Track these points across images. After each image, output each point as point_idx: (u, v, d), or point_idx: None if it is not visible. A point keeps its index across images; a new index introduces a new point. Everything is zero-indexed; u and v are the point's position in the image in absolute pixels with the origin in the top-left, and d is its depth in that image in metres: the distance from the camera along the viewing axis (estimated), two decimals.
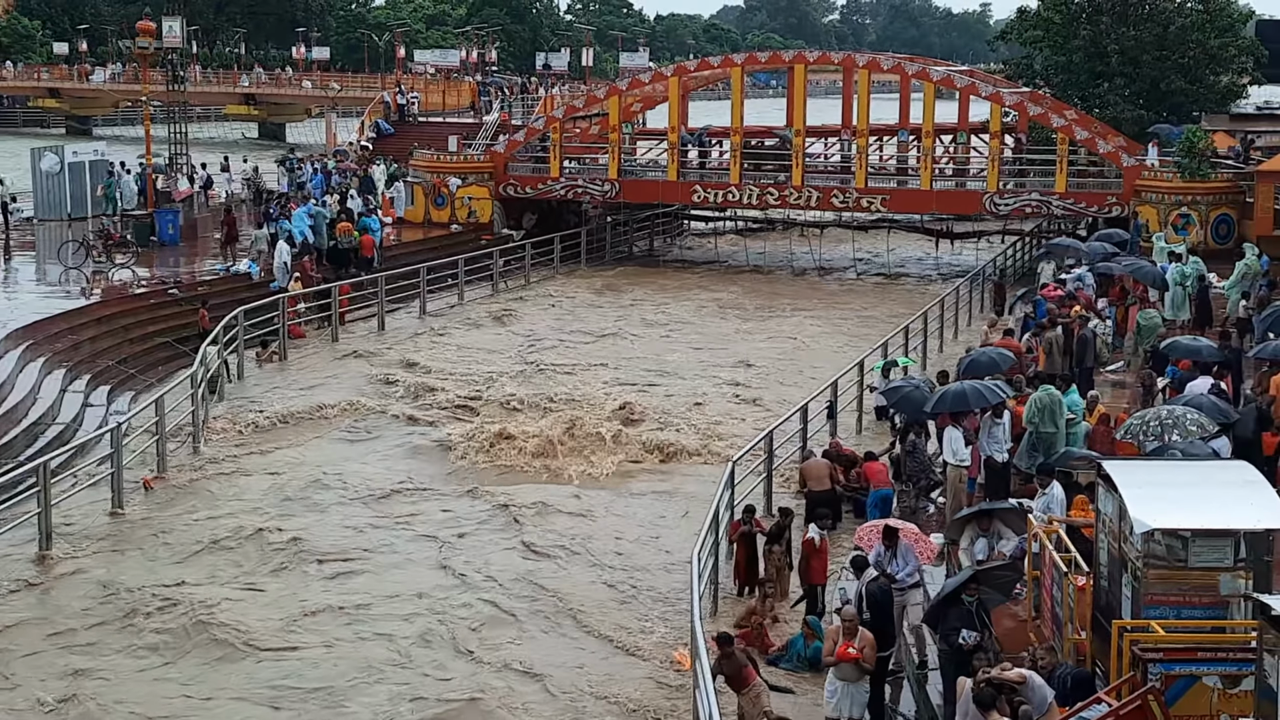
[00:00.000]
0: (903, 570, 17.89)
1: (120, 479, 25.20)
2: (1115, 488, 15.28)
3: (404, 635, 20.30)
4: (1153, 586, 14.59)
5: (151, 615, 20.63)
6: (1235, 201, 44.57)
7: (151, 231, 46.66)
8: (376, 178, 54.72)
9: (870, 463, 23.62)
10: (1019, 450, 22.99)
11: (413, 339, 39.66)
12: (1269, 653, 12.18)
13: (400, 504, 25.99)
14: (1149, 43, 54.82)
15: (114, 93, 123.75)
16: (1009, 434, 22.95)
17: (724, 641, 16.73)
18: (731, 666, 16.54)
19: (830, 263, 55.54)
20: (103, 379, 33.22)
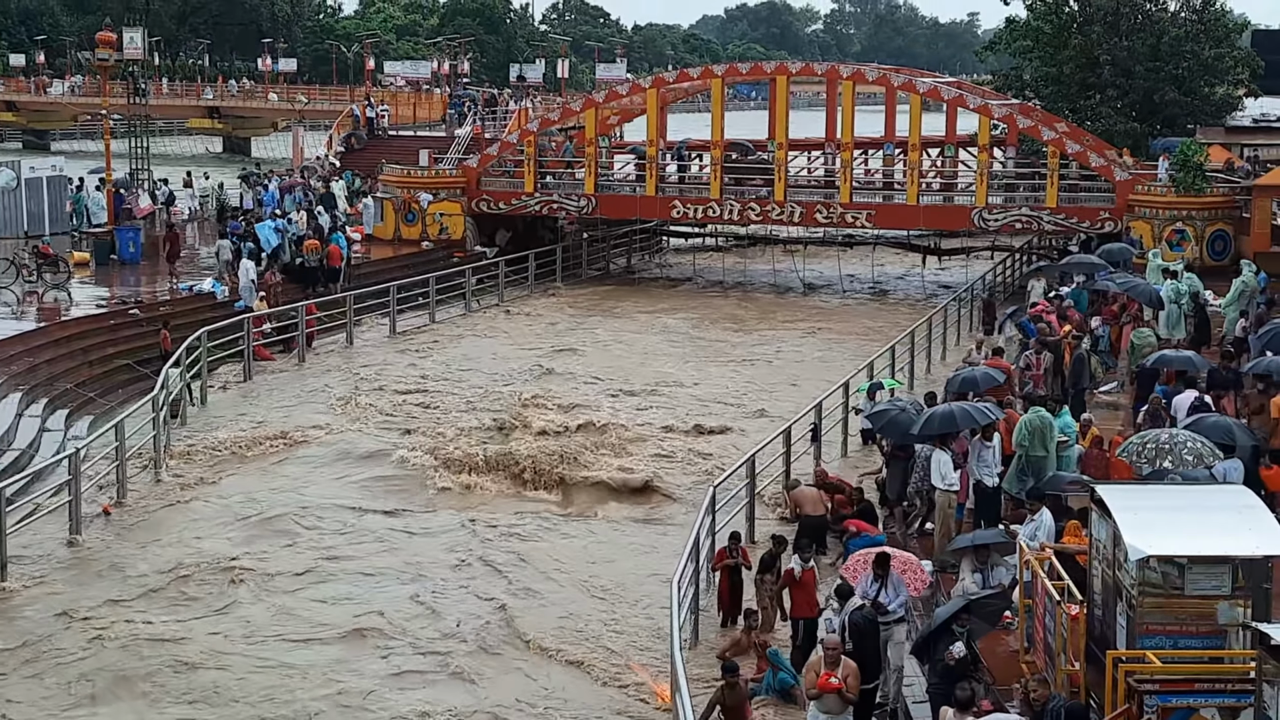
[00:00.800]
0: (893, 601, 17.82)
1: (78, 506, 25.08)
2: (1109, 513, 15.29)
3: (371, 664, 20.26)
4: (1148, 615, 14.61)
5: (108, 646, 20.53)
6: (1231, 217, 44.70)
7: (112, 250, 46.57)
8: (337, 193, 54.79)
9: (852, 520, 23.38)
10: (1008, 474, 22.96)
11: (382, 360, 39.58)
12: (1268, 684, 12.19)
13: (367, 530, 25.90)
14: (1142, 53, 55.04)
15: (73, 106, 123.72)
16: (999, 457, 22.92)
17: (730, 671, 16.68)
18: (734, 698, 16.51)
19: (814, 280, 55.58)
20: (61, 402, 33.09)
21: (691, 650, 19.51)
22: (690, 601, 20.07)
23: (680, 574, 19.22)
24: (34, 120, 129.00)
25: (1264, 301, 34.40)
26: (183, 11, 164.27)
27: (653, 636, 21.13)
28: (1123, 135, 52.95)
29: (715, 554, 21.48)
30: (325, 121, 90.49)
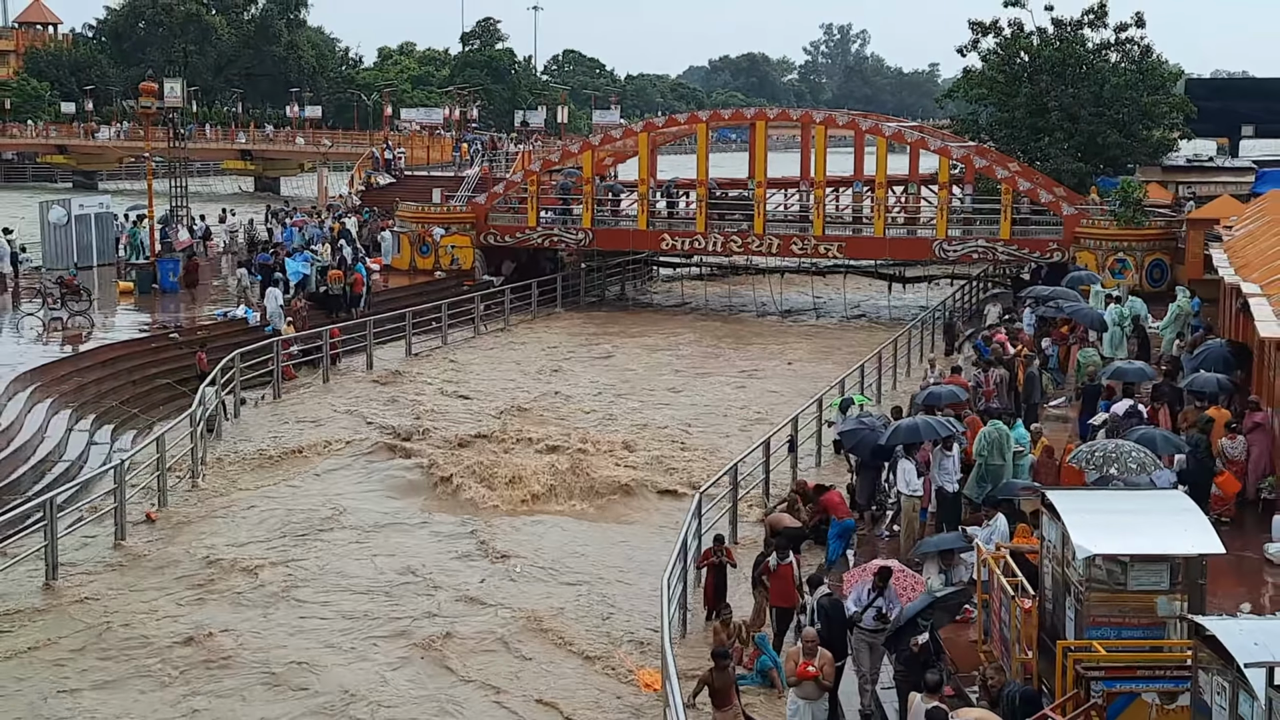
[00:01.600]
0: (894, 610, 17.49)
1: (123, 513, 25.07)
2: (1058, 516, 15.29)
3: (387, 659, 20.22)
4: (1094, 609, 14.59)
5: (152, 641, 20.48)
6: (1168, 247, 44.83)
7: (153, 279, 46.59)
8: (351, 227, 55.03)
9: (827, 494, 23.44)
10: (969, 481, 22.99)
11: (399, 378, 39.59)
12: (1203, 670, 12.18)
13: (383, 531, 25.88)
14: (1086, 100, 55.15)
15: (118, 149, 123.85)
16: (958, 466, 22.97)
17: (721, 656, 16.64)
18: (722, 680, 16.46)
19: (790, 306, 55.65)
20: (107, 418, 33.08)
21: (680, 642, 19.47)
22: (679, 597, 20.04)
23: (670, 572, 19.24)
24: (83, 162, 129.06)
25: (1198, 324, 34.46)
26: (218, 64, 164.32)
27: (644, 628, 21.10)
28: (1069, 174, 53.06)
29: (701, 554, 21.47)
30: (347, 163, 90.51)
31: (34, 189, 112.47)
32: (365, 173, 71.32)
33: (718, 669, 16.46)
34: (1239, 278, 28.57)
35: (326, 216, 60.65)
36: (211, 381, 32.63)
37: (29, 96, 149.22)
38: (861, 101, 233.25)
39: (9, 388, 31.21)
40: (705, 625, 20.60)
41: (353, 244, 51.31)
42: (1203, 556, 14.75)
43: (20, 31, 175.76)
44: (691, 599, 21.07)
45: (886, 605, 17.13)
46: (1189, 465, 22.53)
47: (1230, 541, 17.69)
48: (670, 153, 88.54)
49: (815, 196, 51.66)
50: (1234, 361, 27.49)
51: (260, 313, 41.37)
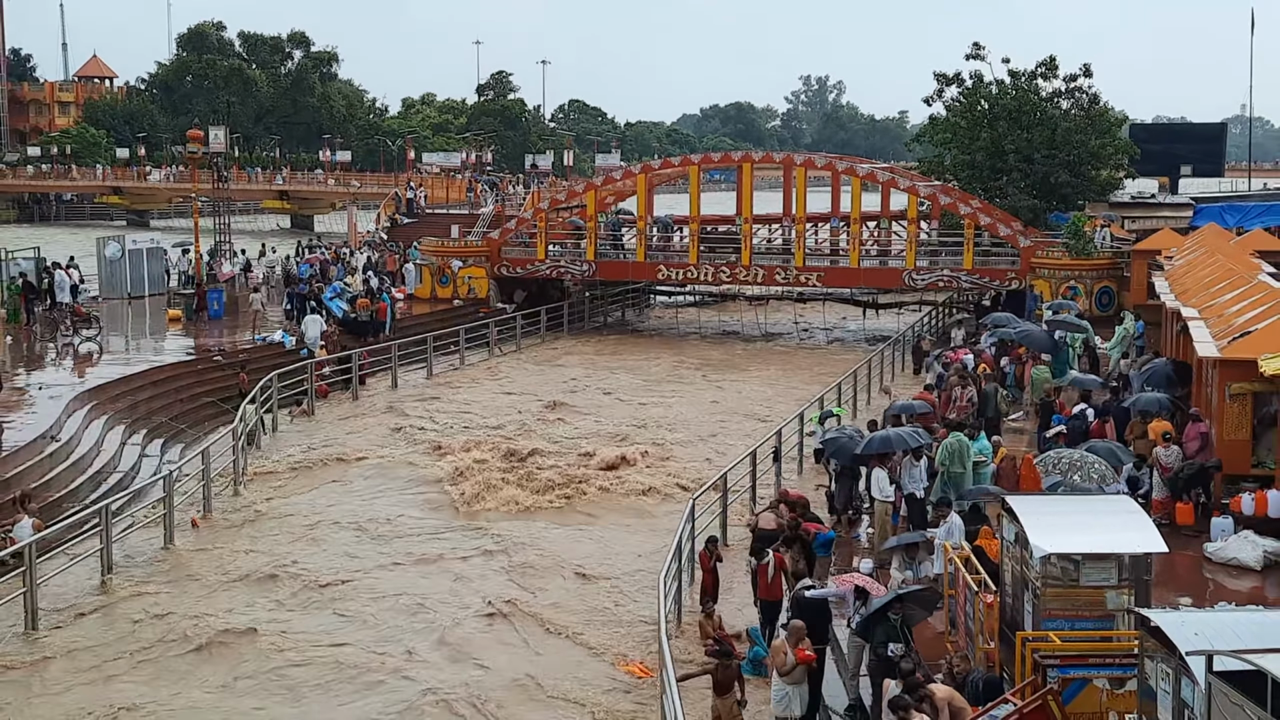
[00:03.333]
0: None
1: (171, 519, 25.02)
2: (1017, 519, 15.29)
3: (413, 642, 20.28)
4: (1050, 602, 14.58)
5: (197, 636, 20.43)
6: (1115, 276, 44.87)
7: (199, 307, 46.61)
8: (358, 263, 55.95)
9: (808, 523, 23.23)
10: (934, 488, 22.96)
11: (421, 396, 39.57)
12: (1149, 658, 12.16)
13: (409, 535, 25.82)
14: (1040, 143, 55.26)
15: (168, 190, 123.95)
16: (925, 474, 22.94)
17: (727, 655, 16.55)
18: (726, 676, 16.38)
19: (774, 330, 55.63)
20: (157, 433, 33.08)
21: (677, 635, 19.41)
22: (674, 594, 20.00)
23: (666, 571, 19.21)
24: (136, 202, 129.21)
25: (1142, 344, 34.52)
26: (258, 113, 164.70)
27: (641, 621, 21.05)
28: (1025, 210, 53.11)
29: (700, 556, 21.28)
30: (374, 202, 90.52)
31: (92, 226, 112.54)
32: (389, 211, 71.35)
33: (723, 665, 16.35)
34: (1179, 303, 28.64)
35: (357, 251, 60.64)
36: (252, 399, 32.61)
37: (88, 143, 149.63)
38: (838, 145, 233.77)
39: (69, 406, 31.20)
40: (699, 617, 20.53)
41: (379, 275, 51.39)
42: (1148, 555, 14.75)
43: (80, 85, 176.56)
44: (686, 596, 20.99)
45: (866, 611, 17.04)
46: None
47: (1172, 541, 17.66)
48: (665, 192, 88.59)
49: (796, 231, 51.70)
50: (1176, 379, 27.50)
51: (297, 337, 41.38)
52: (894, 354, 43.41)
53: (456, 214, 68.31)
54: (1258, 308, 24.38)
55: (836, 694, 17.18)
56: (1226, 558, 20.11)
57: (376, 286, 48.24)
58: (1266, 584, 19.30)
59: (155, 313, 46.70)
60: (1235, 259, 32.47)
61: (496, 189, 76.49)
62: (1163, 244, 40.64)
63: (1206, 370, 23.98)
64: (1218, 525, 20.81)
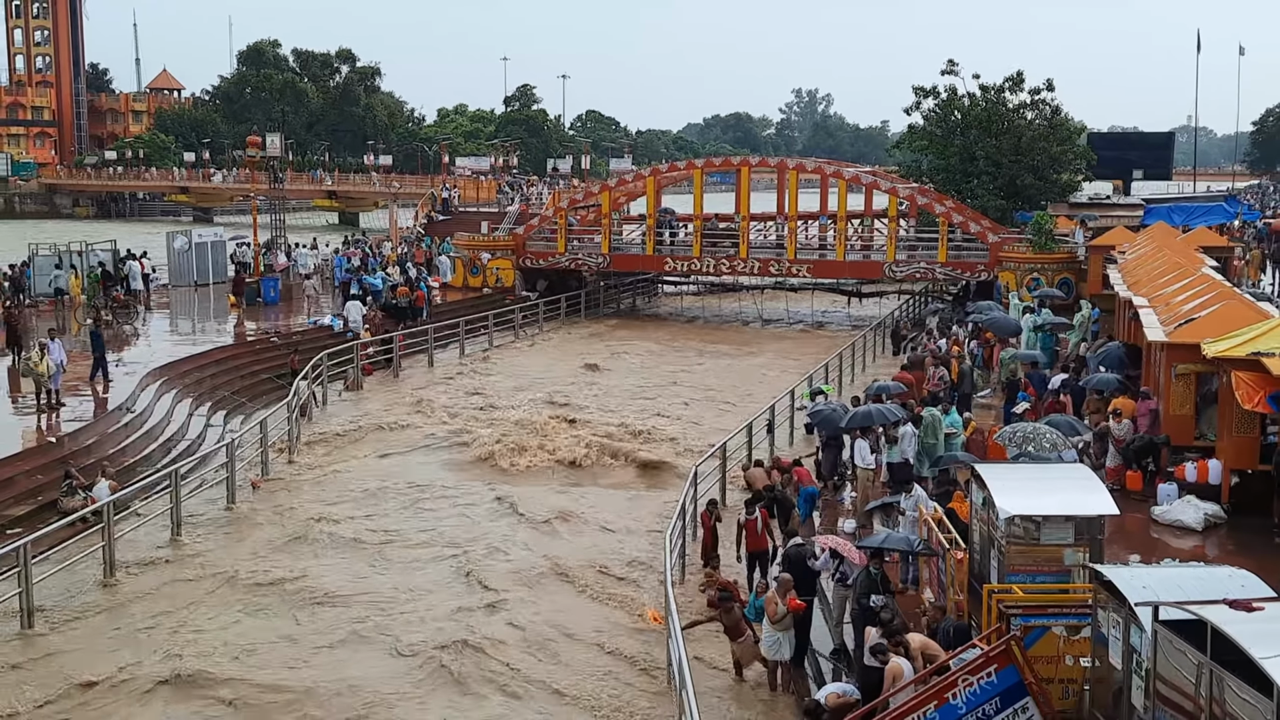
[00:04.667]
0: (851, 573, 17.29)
1: (233, 481, 25.12)
2: (984, 484, 15.31)
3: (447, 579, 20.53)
4: (1013, 559, 14.61)
5: (258, 583, 20.54)
6: (1074, 268, 44.70)
7: (257, 294, 46.65)
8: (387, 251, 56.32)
9: (799, 468, 23.39)
10: None
11: (454, 375, 39.59)
12: (1101, 609, 12.19)
13: (443, 497, 25.89)
14: (1007, 150, 55.05)
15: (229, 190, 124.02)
16: (915, 443, 22.83)
17: (725, 599, 16.54)
18: (730, 619, 16.38)
19: (768, 316, 55.57)
20: (220, 406, 33.15)
21: (680, 585, 19.46)
22: (679, 549, 20.04)
23: (671, 530, 19.25)
24: (201, 200, 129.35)
25: (1096, 330, 34.42)
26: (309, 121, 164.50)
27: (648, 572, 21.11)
28: (994, 209, 52.89)
29: (701, 516, 21.32)
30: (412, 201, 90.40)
31: (161, 222, 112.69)
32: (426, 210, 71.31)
33: (724, 610, 16.35)
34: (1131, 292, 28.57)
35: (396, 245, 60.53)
36: (304, 376, 32.67)
37: (158, 148, 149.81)
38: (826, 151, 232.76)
39: (142, 381, 31.28)
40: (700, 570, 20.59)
41: (417, 265, 51.36)
42: (1101, 516, 14.76)
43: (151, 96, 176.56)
44: (689, 550, 21.03)
45: (846, 569, 17.05)
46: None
47: (1123, 505, 17.67)
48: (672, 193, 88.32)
49: (789, 228, 51.56)
50: (1128, 360, 27.45)
51: (343, 321, 41.42)
52: (875, 338, 43.35)
53: (486, 212, 68.26)
54: (1201, 297, 24.36)
55: (823, 639, 17.23)
56: (1171, 520, 20.11)
57: (415, 276, 48.24)
58: (1206, 543, 19.29)
59: (218, 299, 46.73)
60: (1181, 254, 32.37)
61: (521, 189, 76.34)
62: (1116, 240, 40.48)
63: (1155, 353, 23.95)
64: (1164, 491, 20.81)
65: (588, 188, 62.31)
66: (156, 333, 40.53)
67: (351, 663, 17.62)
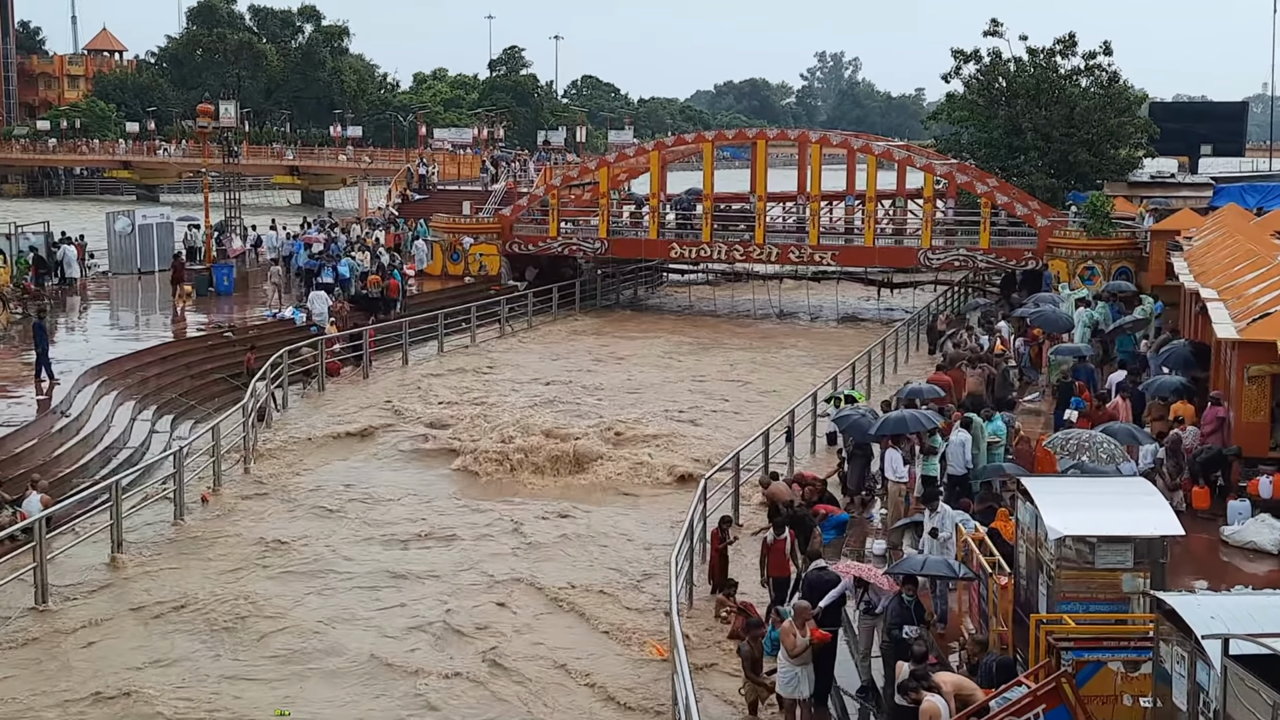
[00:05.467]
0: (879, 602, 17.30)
1: (181, 494, 25.12)
2: (1032, 500, 15.29)
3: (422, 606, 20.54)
4: (1064, 585, 14.59)
5: (206, 611, 20.51)
6: (1133, 256, 44.69)
7: (210, 283, 46.66)
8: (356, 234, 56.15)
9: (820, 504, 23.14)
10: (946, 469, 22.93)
11: (431, 374, 39.60)
12: (1164, 641, 12.16)
13: (419, 514, 25.87)
14: (1058, 122, 55.06)
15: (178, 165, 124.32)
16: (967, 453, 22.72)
17: (754, 625, 16.50)
18: (758, 649, 16.34)
19: (788, 309, 55.58)
20: (167, 409, 33.14)
21: (687, 614, 19.44)
22: (686, 573, 20.02)
23: (678, 550, 19.22)
24: (145, 176, 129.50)
25: (1159, 325, 34.40)
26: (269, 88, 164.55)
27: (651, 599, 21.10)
28: (1043, 189, 52.92)
29: (711, 534, 21.34)
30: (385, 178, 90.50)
31: (101, 201, 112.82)
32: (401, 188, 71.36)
33: (753, 638, 16.33)
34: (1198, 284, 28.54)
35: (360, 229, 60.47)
36: (262, 376, 32.69)
37: (97, 117, 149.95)
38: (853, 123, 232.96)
39: (79, 380, 31.28)
40: (709, 597, 20.57)
41: (390, 251, 51.41)
42: (1164, 538, 14.74)
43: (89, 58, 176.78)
44: (697, 575, 21.01)
45: (873, 597, 17.02)
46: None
47: (1189, 524, 17.65)
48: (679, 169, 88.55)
49: (811, 209, 51.60)
50: (1194, 361, 27.44)
51: (306, 314, 41.43)
52: (908, 334, 43.34)
53: (469, 190, 68.31)
54: (1278, 289, 24.30)
55: (848, 676, 17.20)
56: (1243, 541, 20.10)
57: (387, 263, 48.24)
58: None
59: (165, 288, 46.68)
60: (1255, 239, 32.32)
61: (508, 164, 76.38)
62: (1182, 224, 40.45)
63: (1225, 352, 23.93)
64: (1235, 508, 20.79)
65: (583, 163, 62.36)
66: (95, 326, 40.55)
67: (317, 702, 17.61)
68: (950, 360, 30.98)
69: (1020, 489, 16.05)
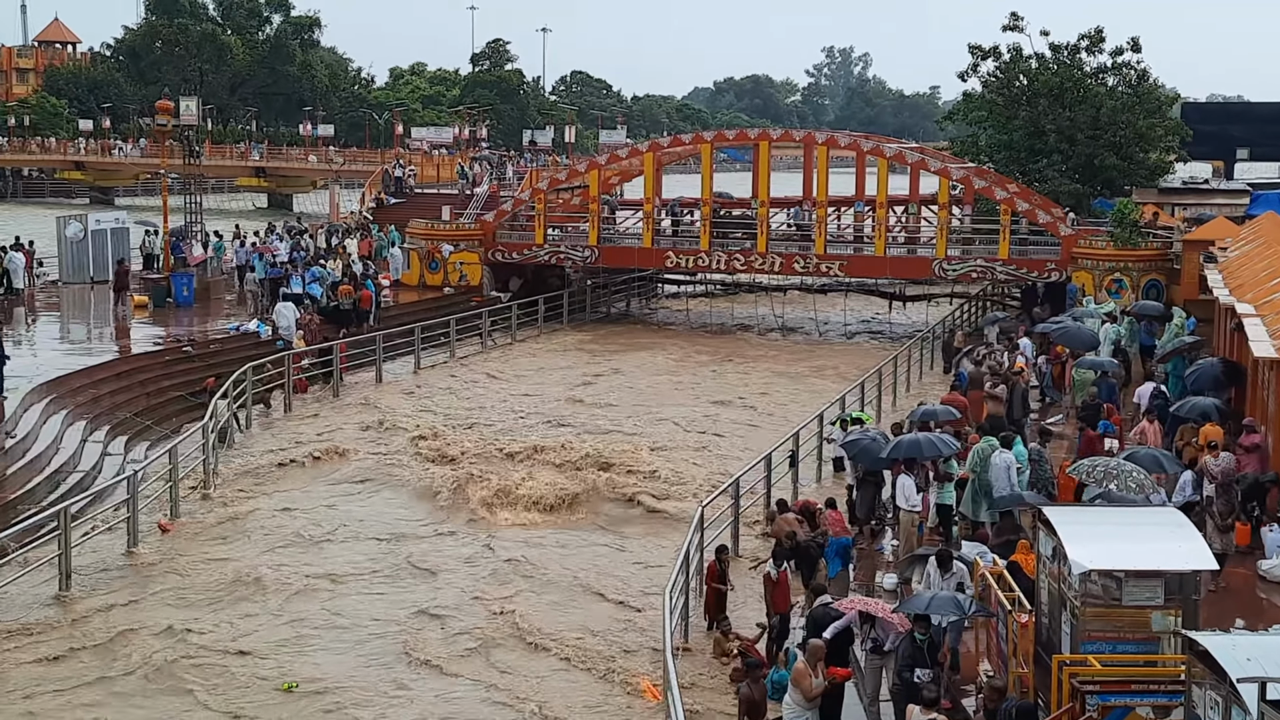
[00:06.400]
0: (888, 639, 17.32)
1: (136, 523, 25.03)
2: (1054, 531, 15.27)
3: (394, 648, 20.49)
4: (1089, 623, 14.58)
5: (162, 652, 20.42)
6: (1164, 268, 44.77)
7: (168, 293, 46.61)
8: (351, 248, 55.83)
9: (830, 511, 23.27)
10: (963, 498, 22.95)
11: (407, 392, 39.56)
12: (1197, 685, 12.15)
13: (393, 544, 25.81)
14: (1083, 123, 55.17)
15: (134, 166, 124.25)
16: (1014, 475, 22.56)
17: (754, 666, 16.46)
18: (759, 691, 16.33)
19: (791, 324, 55.61)
20: (120, 430, 33.07)
21: (682, 653, 19.39)
22: (681, 609, 19.96)
23: (672, 584, 19.16)
24: (100, 178, 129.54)
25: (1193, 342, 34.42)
26: (233, 83, 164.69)
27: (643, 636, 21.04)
28: (1067, 195, 53.04)
29: (708, 567, 21.28)
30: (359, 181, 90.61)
31: (52, 204, 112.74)
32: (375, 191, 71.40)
33: (754, 680, 16.31)
34: (1234, 298, 28.58)
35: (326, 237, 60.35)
36: (224, 394, 32.63)
37: (48, 114, 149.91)
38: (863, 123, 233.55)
39: (25, 399, 31.21)
40: (706, 635, 20.52)
41: (363, 259, 51.34)
42: (1197, 572, 14.73)
43: (40, 50, 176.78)
44: (693, 612, 20.97)
45: (880, 634, 16.97)
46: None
47: None
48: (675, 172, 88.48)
49: (817, 216, 51.65)
50: (1225, 381, 27.46)
51: (272, 327, 41.38)
52: (922, 351, 43.35)
53: (448, 194, 68.34)
54: None
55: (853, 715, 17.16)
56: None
57: (360, 272, 48.17)
58: None
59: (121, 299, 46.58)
60: None
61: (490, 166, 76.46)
62: (1216, 234, 40.55)
63: (1263, 372, 23.95)
64: (1272, 541, 20.80)
65: (573, 165, 62.44)
66: (43, 340, 40.46)
67: None
68: (973, 381, 30.98)
69: (1041, 519, 16.03)
